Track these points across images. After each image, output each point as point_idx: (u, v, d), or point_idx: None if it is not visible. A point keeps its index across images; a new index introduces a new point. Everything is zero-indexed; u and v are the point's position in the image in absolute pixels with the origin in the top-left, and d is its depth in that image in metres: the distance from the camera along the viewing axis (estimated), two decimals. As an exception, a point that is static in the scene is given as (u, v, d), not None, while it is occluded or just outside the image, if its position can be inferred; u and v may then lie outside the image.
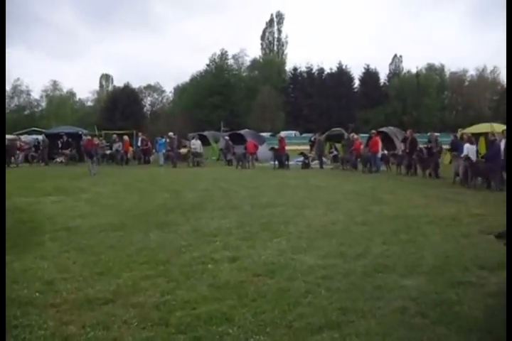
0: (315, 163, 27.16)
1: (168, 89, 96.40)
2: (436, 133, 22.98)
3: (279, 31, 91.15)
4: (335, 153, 29.11)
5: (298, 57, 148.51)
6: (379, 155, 23.38)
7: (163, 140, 31.78)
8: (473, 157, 16.94)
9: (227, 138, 31.25)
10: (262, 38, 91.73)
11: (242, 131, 35.32)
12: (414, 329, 4.55)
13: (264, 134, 45.36)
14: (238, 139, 31.43)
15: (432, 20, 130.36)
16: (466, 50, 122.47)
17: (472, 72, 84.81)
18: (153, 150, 34.11)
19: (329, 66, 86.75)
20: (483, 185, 15.85)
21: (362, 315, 4.86)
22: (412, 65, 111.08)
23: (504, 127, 20.41)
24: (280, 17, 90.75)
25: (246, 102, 79.10)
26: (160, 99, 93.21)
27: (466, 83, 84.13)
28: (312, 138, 32.41)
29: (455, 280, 6.03)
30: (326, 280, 6.05)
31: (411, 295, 5.45)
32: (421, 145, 21.40)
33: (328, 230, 9.18)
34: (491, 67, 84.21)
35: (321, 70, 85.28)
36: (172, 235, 8.83)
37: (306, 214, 10.90)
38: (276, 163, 26.40)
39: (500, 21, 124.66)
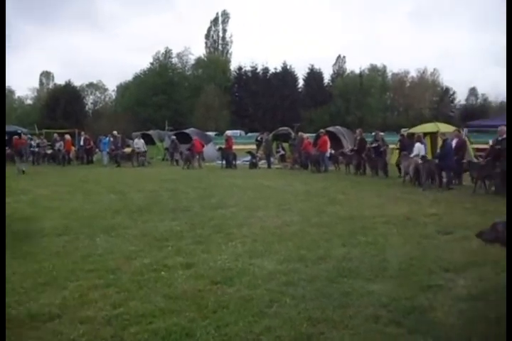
0: (262, 163, 26.88)
1: (111, 87, 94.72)
2: (381, 133, 23.00)
3: (224, 30, 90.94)
4: (282, 152, 28.89)
5: (243, 56, 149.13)
6: (328, 154, 23.29)
7: (107, 139, 30.87)
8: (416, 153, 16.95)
9: (173, 137, 30.56)
10: (207, 36, 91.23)
11: (187, 130, 34.70)
12: (390, 339, 4.27)
13: (209, 133, 44.85)
14: (184, 138, 30.84)
15: (375, 22, 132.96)
16: (408, 51, 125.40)
17: (413, 73, 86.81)
18: (97, 150, 33.09)
19: (274, 66, 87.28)
20: (433, 184, 15.87)
21: (333, 326, 4.55)
22: (355, 65, 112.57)
23: (451, 127, 20.73)
24: (225, 16, 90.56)
25: (190, 101, 78.35)
26: (102, 97, 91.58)
27: (408, 84, 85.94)
28: (258, 138, 32.08)
29: (423, 284, 5.80)
30: (290, 287, 5.72)
31: (381, 301, 5.18)
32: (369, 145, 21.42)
33: (284, 232, 8.86)
34: (431, 69, 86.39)
35: (265, 70, 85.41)
36: (120, 239, 8.34)
37: (259, 216, 10.56)
38: (224, 162, 25.99)
39: (441, 26, 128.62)
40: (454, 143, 16.35)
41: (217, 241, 8.17)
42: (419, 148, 17.12)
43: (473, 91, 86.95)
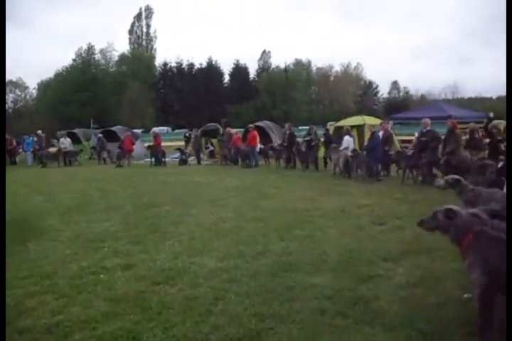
0: (192, 159, 26.68)
1: (32, 85, 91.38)
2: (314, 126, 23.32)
3: (148, 25, 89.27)
4: (211, 148, 28.84)
5: (168, 52, 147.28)
6: (257, 149, 23.39)
7: (31, 139, 29.79)
8: (352, 148, 17.34)
9: (100, 135, 29.84)
10: (131, 32, 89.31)
11: (114, 128, 34.01)
12: (338, 331, 4.32)
13: (136, 131, 44.10)
14: (111, 136, 30.20)
15: (299, 17, 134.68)
16: (332, 46, 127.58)
17: (337, 67, 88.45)
18: (20, 150, 31.87)
19: (199, 61, 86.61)
20: (364, 176, 16.24)
21: (281, 321, 4.55)
22: (280, 60, 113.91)
23: (377, 120, 21.25)
24: (149, 11, 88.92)
25: (115, 98, 76.60)
26: (23, 95, 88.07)
27: (332, 78, 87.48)
28: (187, 134, 31.85)
29: (364, 274, 5.91)
30: (233, 283, 5.68)
31: (325, 293, 5.23)
32: (299, 139, 21.66)
33: (221, 228, 8.82)
34: (354, 63, 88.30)
35: (191, 65, 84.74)
36: (53, 243, 8.04)
37: (194, 213, 10.47)
38: (153, 160, 25.63)
39: (364, 21, 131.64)
40: (380, 135, 16.78)
41: (154, 240, 8.03)
42: (348, 141, 17.49)
43: (395, 85, 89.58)
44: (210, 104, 76.92)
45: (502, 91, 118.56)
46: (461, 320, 4.48)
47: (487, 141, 14.34)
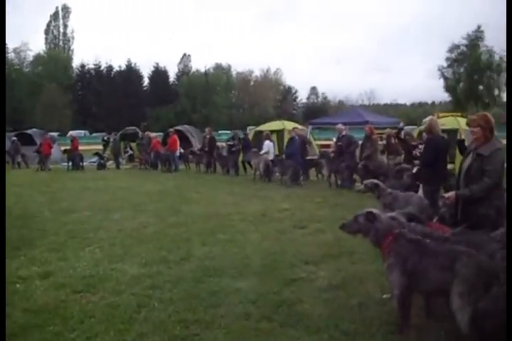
0: (111, 163, 26.11)
1: None
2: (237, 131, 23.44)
3: (65, 25, 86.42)
4: (130, 152, 28.30)
5: (85, 53, 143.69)
6: (177, 153, 23.20)
7: None
8: (272, 153, 17.51)
9: (14, 138, 28.57)
10: (47, 31, 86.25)
11: (30, 131, 32.66)
12: (263, 335, 4.35)
13: (52, 134, 42.65)
14: (26, 140, 29.03)
15: (220, 22, 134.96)
16: (252, 51, 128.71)
17: (257, 72, 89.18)
18: None
19: (118, 64, 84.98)
20: (286, 180, 16.45)
21: (206, 326, 4.54)
22: (200, 64, 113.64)
23: (296, 125, 21.57)
24: (66, 10, 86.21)
25: (30, 100, 73.72)
26: None
27: (252, 83, 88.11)
28: (105, 138, 31.15)
29: (287, 277, 5.99)
30: (156, 290, 5.61)
31: (249, 298, 5.26)
32: (221, 143, 21.69)
33: (142, 234, 8.70)
34: (274, 68, 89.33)
35: (109, 68, 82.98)
36: (-36, 251, 7.64)
37: (114, 218, 10.27)
38: (70, 164, 24.85)
39: (284, 27, 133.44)
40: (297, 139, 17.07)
41: (73, 247, 7.79)
42: (268, 146, 17.65)
43: (314, 91, 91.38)
44: (129, 107, 75.61)
45: (415, 98, 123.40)
46: (381, 319, 4.63)
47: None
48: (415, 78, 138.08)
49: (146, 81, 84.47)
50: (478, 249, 4.28)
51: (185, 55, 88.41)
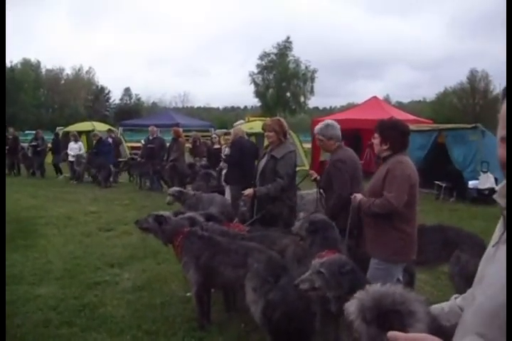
0: None
1: None
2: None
3: None
4: None
5: None
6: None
7: None
8: (74, 153, 16.91)
9: None
10: None
11: None
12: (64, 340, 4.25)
13: None
14: None
15: (31, 15, 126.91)
16: (64, 48, 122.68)
17: (68, 70, 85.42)
18: None
19: None
20: (94, 183, 16.09)
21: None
22: (6, 58, 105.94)
23: (107, 126, 21.17)
24: None
25: None
26: None
27: (63, 81, 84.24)
28: None
29: (90, 281, 5.93)
30: None
31: (49, 304, 5.11)
32: (25, 144, 20.51)
33: None
34: (86, 67, 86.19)
35: None
36: None
37: None
38: None
39: (98, 26, 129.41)
40: (110, 141, 16.78)
41: None
42: (74, 147, 17.08)
43: (127, 92, 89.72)
44: None
45: (228, 102, 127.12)
46: (184, 316, 4.78)
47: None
48: (228, 83, 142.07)
49: None
50: (272, 244, 4.62)
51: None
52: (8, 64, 79.00)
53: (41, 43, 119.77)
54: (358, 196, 4.10)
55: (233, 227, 5.27)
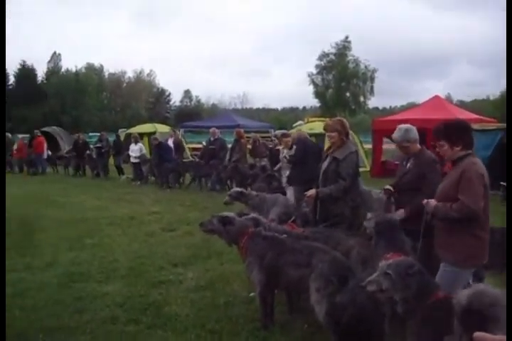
0: (-31, 166, 24.45)
1: None
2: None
3: None
4: (-8, 154, 26.72)
5: None
6: (44, 156, 22.24)
7: None
8: (135, 155, 17.18)
9: None
10: None
11: None
12: (130, 337, 4.36)
13: None
14: None
15: (94, 20, 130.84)
16: (125, 52, 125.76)
17: (130, 74, 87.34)
18: None
19: (-22, 60, 79.52)
20: (155, 184, 16.39)
21: (70, 332, 4.46)
22: (71, 63, 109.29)
23: (168, 127, 21.50)
24: None
25: None
26: None
27: (124, 84, 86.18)
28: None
29: (155, 280, 6.03)
30: (17, 298, 5.39)
31: (116, 301, 5.24)
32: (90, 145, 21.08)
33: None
34: (147, 70, 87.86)
35: (-31, 64, 77.61)
36: None
37: (-28, 224, 9.67)
38: None
39: (158, 29, 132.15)
40: (170, 143, 17.03)
41: None
42: (135, 149, 17.38)
43: (187, 94, 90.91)
44: (-9, 107, 71.10)
45: (286, 103, 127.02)
46: (247, 317, 4.79)
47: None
48: (287, 83, 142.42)
49: (11, 79, 79.89)
50: (337, 245, 4.59)
51: (55, 53, 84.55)
52: (73, 68, 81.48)
53: (104, 48, 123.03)
54: (432, 201, 3.95)
55: (290, 227, 5.28)
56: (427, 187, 4.57)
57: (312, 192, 5.49)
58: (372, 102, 60.92)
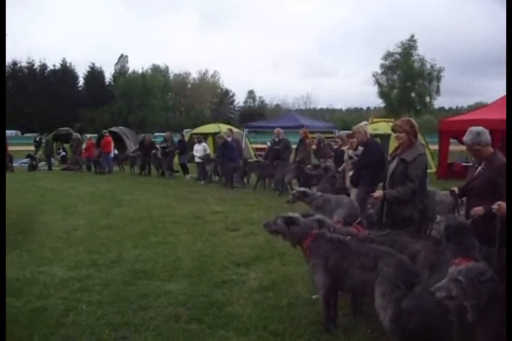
0: (42, 165, 25.38)
1: None
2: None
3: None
4: (63, 153, 27.65)
5: (17, 51, 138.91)
6: (112, 155, 22.83)
7: None
8: (199, 154, 17.41)
9: None
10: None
11: None
12: (193, 336, 4.36)
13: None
14: None
15: (158, 23, 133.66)
16: (189, 53, 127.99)
17: (194, 75, 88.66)
18: None
19: (52, 62, 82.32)
20: (219, 183, 16.52)
21: (135, 329, 4.50)
22: (137, 65, 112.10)
23: (232, 128, 21.62)
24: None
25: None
26: None
27: (189, 85, 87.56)
28: (37, 139, 30.45)
29: (218, 279, 6.02)
30: (84, 293, 5.52)
31: (179, 300, 5.27)
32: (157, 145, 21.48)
33: (72, 237, 8.54)
34: (212, 71, 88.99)
35: (43, 66, 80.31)
36: None
37: (44, 221, 10.04)
38: (-2, 165, 23.98)
39: (221, 31, 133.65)
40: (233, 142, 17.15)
41: (-2, 250, 7.55)
42: (199, 149, 17.58)
43: (251, 94, 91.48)
44: (63, 108, 73.36)
45: (350, 103, 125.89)
46: (310, 319, 4.72)
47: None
48: (351, 84, 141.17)
49: (81, 81, 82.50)
50: (403, 249, 4.45)
51: (122, 55, 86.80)
52: (139, 70, 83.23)
53: (169, 49, 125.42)
54: (503, 204, 3.77)
55: (356, 229, 5.18)
56: (498, 193, 4.38)
57: (379, 193, 5.35)
58: (438, 102, 59.61)
